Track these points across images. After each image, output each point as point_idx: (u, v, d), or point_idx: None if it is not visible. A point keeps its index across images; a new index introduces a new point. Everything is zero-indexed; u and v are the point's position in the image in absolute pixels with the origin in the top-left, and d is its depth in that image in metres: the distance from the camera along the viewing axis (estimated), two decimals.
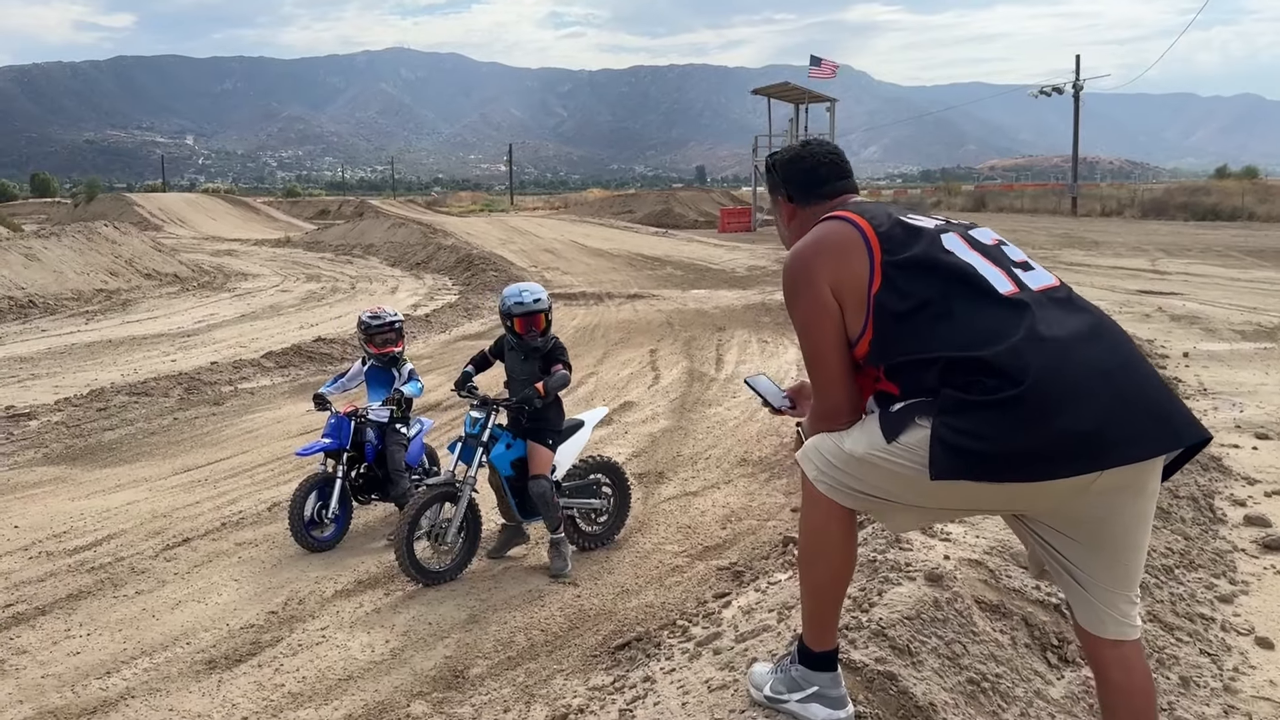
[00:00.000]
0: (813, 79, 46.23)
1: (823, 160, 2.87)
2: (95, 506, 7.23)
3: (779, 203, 2.94)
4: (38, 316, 18.46)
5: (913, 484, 2.46)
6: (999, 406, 2.26)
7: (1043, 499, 2.41)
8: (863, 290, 2.50)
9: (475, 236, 30.60)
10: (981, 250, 2.56)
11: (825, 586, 2.74)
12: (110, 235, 25.43)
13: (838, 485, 2.61)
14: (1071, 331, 2.36)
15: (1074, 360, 2.30)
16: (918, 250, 2.51)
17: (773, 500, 7.09)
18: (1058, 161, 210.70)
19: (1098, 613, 2.54)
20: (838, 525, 2.66)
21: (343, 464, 6.49)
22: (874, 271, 2.49)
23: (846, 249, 2.55)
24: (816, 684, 2.84)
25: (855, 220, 2.60)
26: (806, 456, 2.72)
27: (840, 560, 2.71)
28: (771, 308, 17.49)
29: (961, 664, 3.29)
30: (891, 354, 2.49)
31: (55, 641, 5.01)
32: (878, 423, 2.52)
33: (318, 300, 21.08)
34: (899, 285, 2.47)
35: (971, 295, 2.44)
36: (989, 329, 2.36)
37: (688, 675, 3.56)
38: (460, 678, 4.51)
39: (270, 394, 11.54)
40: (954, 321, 2.40)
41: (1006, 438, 2.26)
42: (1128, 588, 2.53)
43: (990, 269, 2.50)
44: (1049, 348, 2.30)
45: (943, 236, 2.57)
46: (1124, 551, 2.49)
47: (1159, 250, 27.34)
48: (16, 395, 11.19)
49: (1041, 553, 2.64)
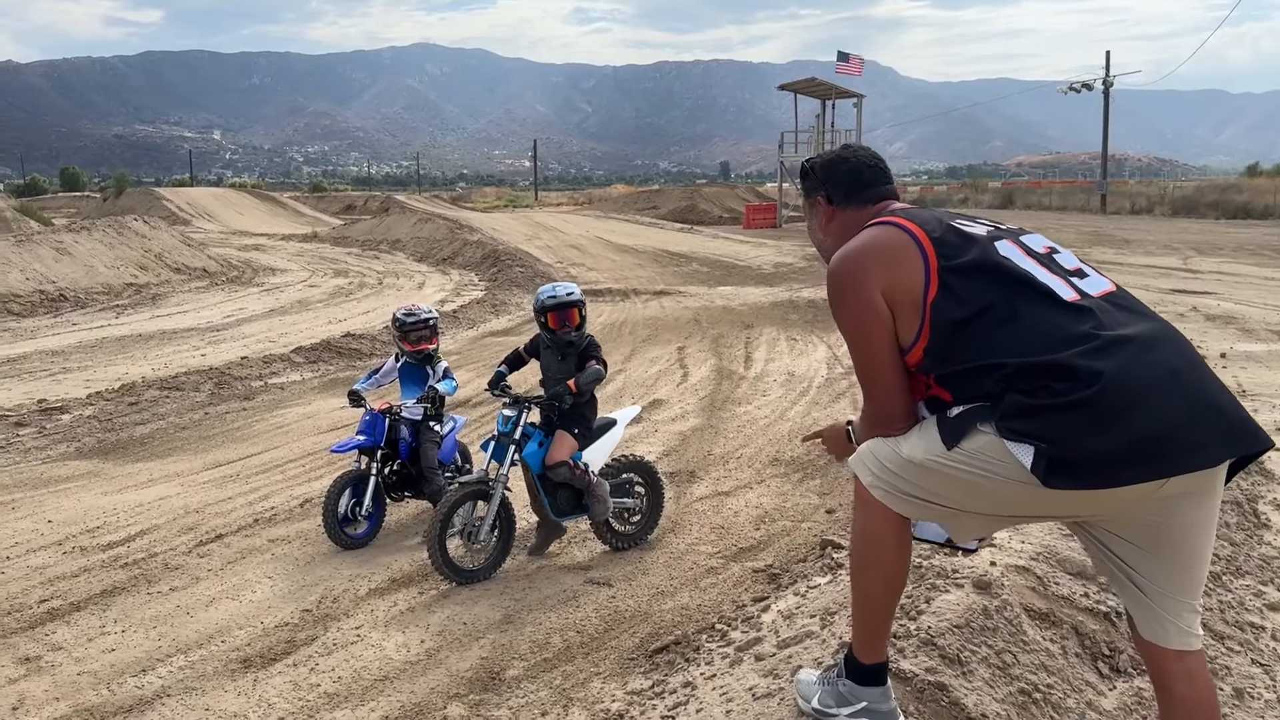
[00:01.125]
0: (840, 74, 45.96)
1: (867, 163, 2.84)
2: (128, 501, 7.26)
3: (817, 205, 2.89)
4: (68, 310, 18.61)
5: (974, 489, 2.41)
6: (1069, 409, 2.21)
7: (1108, 504, 2.35)
8: (917, 297, 2.45)
9: (501, 232, 30.60)
10: (1036, 257, 2.51)
11: (878, 595, 2.68)
12: (140, 230, 25.61)
13: (894, 491, 2.56)
14: (1137, 336, 2.31)
15: (1142, 365, 2.25)
16: (974, 256, 2.47)
17: (806, 501, 7.01)
18: (1085, 158, 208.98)
19: (1161, 622, 2.48)
20: (892, 532, 2.60)
21: (376, 461, 6.48)
22: (930, 278, 2.44)
23: (898, 254, 2.50)
24: (865, 699, 2.78)
25: (907, 226, 2.55)
26: (861, 461, 2.67)
27: (894, 568, 2.65)
28: (799, 305, 17.39)
29: (1012, 674, 3.22)
30: (950, 361, 2.43)
31: (90, 638, 5.01)
32: (936, 428, 2.46)
33: (346, 295, 21.15)
34: (957, 291, 2.42)
35: (1033, 299, 2.39)
36: (1055, 333, 2.31)
37: (730, 682, 3.51)
38: (496, 679, 4.47)
39: (300, 389, 11.56)
40: (1018, 326, 2.35)
41: (1075, 442, 2.20)
42: (1191, 595, 2.47)
43: (1049, 275, 2.45)
44: (1117, 352, 2.25)
45: (996, 244, 2.52)
46: (1188, 556, 2.43)
47: (1190, 249, 26.99)
48: (48, 389, 11.28)
49: (1101, 559, 2.58)
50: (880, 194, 2.80)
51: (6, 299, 18.20)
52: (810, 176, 2.91)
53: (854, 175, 2.82)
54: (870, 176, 2.82)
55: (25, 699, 4.37)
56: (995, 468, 2.33)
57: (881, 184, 2.82)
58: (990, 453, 2.33)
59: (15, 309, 17.96)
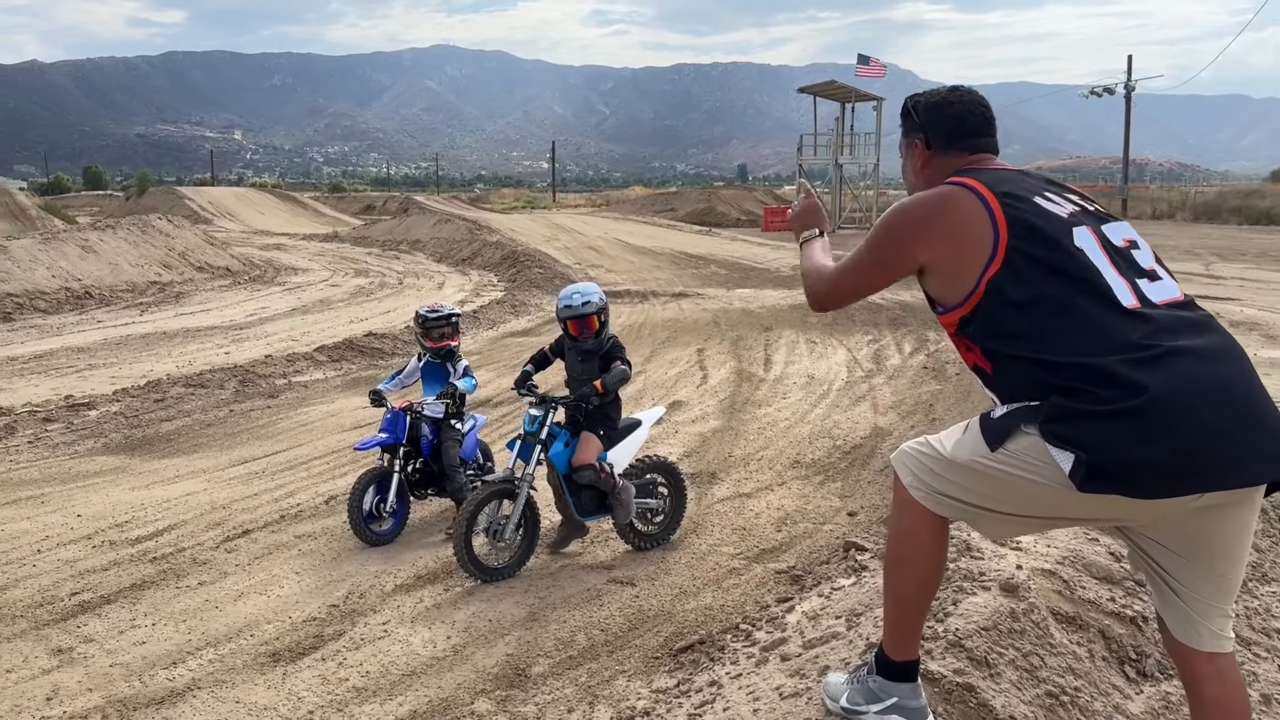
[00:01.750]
0: (861, 78, 45.87)
1: (972, 111, 2.74)
2: (155, 497, 7.34)
3: (914, 147, 2.80)
4: (93, 307, 18.79)
5: (1014, 490, 2.40)
6: (1112, 418, 2.20)
7: (1145, 512, 2.34)
8: (975, 269, 2.40)
9: (520, 233, 30.68)
10: (1111, 252, 2.44)
11: (911, 594, 2.68)
12: (164, 228, 25.83)
13: (934, 492, 2.55)
14: (1193, 348, 2.27)
15: (1193, 379, 2.22)
16: (1047, 241, 2.40)
17: (828, 504, 7.03)
18: (1106, 163, 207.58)
19: (1194, 625, 2.47)
20: (928, 532, 2.60)
21: (399, 459, 6.53)
22: (996, 253, 2.39)
23: (962, 224, 2.44)
24: (896, 695, 2.79)
25: (983, 194, 2.46)
26: (902, 462, 2.66)
27: (929, 568, 2.65)
28: None
29: (1039, 676, 3.23)
30: (997, 338, 2.40)
31: (121, 630, 5.08)
32: (980, 430, 2.45)
33: (366, 295, 21.27)
34: (1021, 274, 2.37)
35: (1094, 300, 2.33)
36: (1108, 337, 2.28)
37: (756, 681, 3.53)
38: (522, 676, 4.51)
39: (323, 388, 11.66)
40: (1072, 323, 2.31)
41: (1116, 450, 2.19)
42: (1225, 600, 2.46)
43: (1115, 277, 2.38)
44: (1169, 364, 2.22)
45: (1075, 230, 2.44)
46: (1224, 563, 2.42)
47: (1213, 254, 26.81)
48: (75, 385, 11.40)
49: (1137, 560, 2.58)
50: (979, 145, 2.72)
51: (33, 296, 18.40)
52: (910, 117, 2.81)
53: (957, 121, 2.73)
54: (974, 125, 2.73)
55: (59, 689, 4.44)
56: (1036, 470, 2.32)
57: (983, 135, 2.74)
58: (1033, 454, 2.31)
59: (42, 306, 18.15)
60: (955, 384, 10.76)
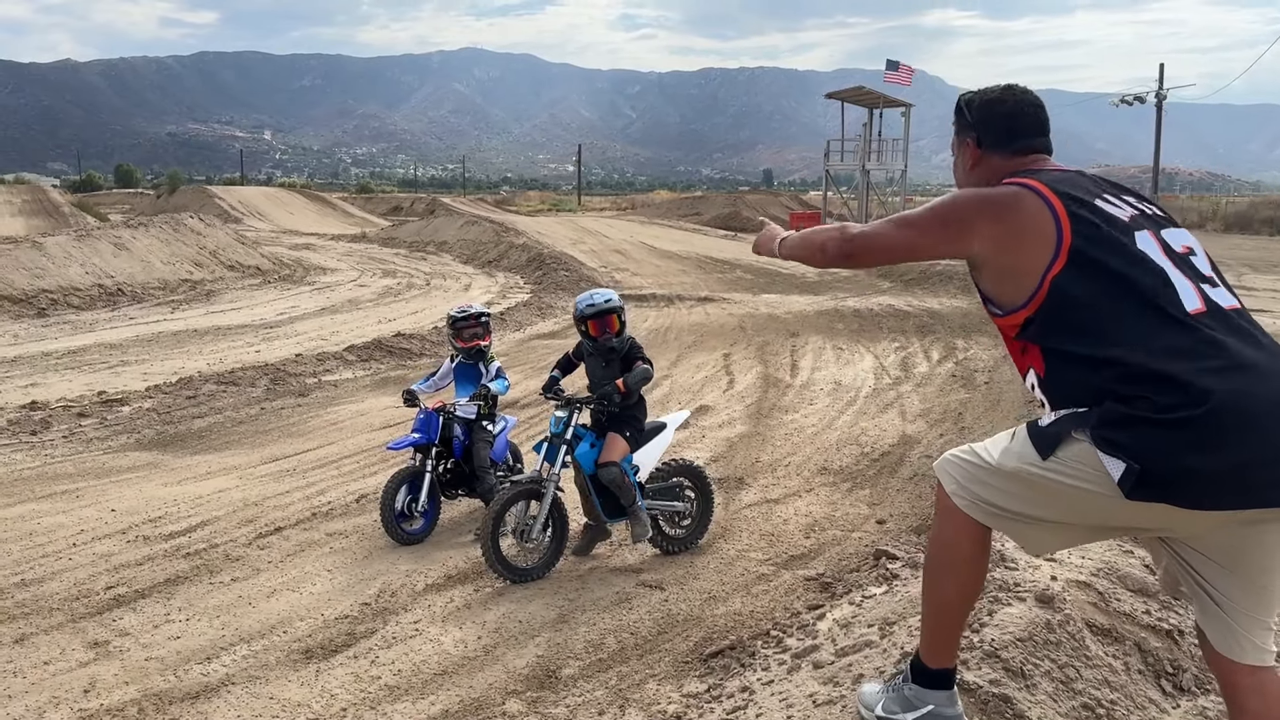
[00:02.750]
0: (889, 83, 45.68)
1: (1026, 111, 2.71)
2: (188, 493, 7.42)
3: (966, 145, 2.77)
4: (126, 304, 19.01)
5: (1059, 497, 2.37)
6: (1168, 427, 2.17)
7: (1190, 524, 2.32)
8: (1038, 268, 2.37)
9: (546, 236, 30.78)
10: (1173, 257, 2.41)
11: (951, 603, 2.67)
12: (196, 227, 26.09)
13: (978, 501, 2.53)
14: (1254, 362, 2.24)
15: (1252, 393, 2.18)
16: (1110, 243, 2.38)
17: (856, 511, 7.01)
18: (1135, 172, 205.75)
19: (1236, 637, 2.45)
20: (971, 541, 2.59)
21: (431, 459, 6.58)
22: (1059, 253, 2.36)
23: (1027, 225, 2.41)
24: (932, 703, 2.78)
25: (1047, 195, 2.44)
26: (945, 470, 2.64)
27: (970, 577, 2.64)
28: (845, 314, 17.34)
29: (1075, 689, 3.22)
30: (1058, 337, 2.37)
31: (156, 625, 5.14)
32: (1029, 437, 2.42)
33: (394, 296, 21.40)
34: (1085, 273, 2.34)
35: (1159, 304, 2.30)
36: (1173, 343, 2.24)
37: (789, 688, 3.54)
38: (553, 678, 4.53)
39: (353, 387, 11.74)
40: (1136, 325, 2.28)
41: (1171, 458, 2.17)
42: (1268, 613, 2.44)
43: (1181, 280, 2.35)
44: (1232, 375, 2.19)
45: (1137, 234, 2.42)
46: (1267, 577, 2.40)
47: (1244, 265, 26.50)
48: (108, 381, 11.54)
49: (1179, 571, 2.55)
50: (1033, 145, 2.69)
51: (67, 292, 18.63)
52: (963, 115, 2.79)
53: (1010, 120, 2.69)
54: (1027, 125, 2.70)
55: (96, 682, 4.49)
56: (1085, 476, 2.29)
57: (1037, 135, 2.70)
58: (1083, 461, 2.29)
59: (75, 302, 18.38)
60: (984, 392, 10.70)
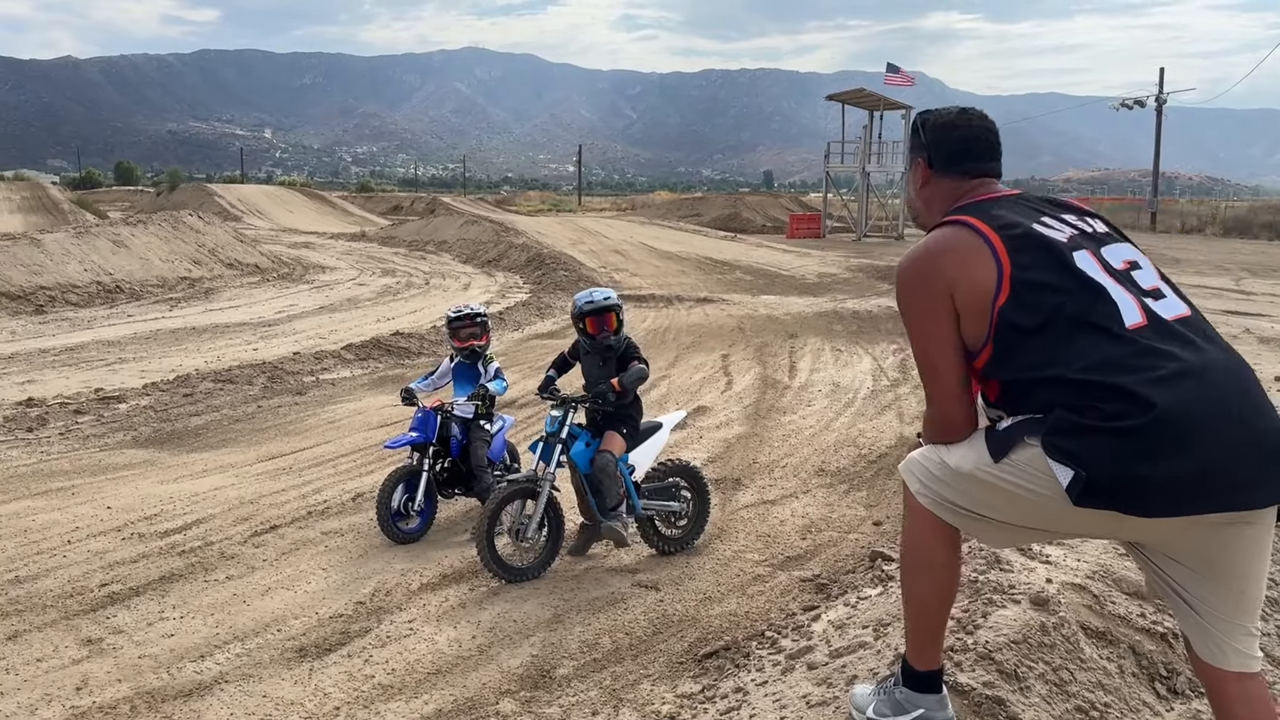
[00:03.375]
0: (889, 86, 45.72)
1: (978, 135, 2.74)
2: (184, 490, 7.41)
3: (917, 165, 2.81)
4: (124, 302, 18.99)
5: (1016, 501, 2.42)
6: (1116, 435, 2.20)
7: (1148, 530, 2.35)
8: (986, 301, 2.43)
9: (545, 236, 30.76)
10: (1113, 274, 2.46)
11: (929, 602, 2.69)
12: (195, 225, 26.06)
13: (939, 500, 2.58)
14: (1201, 367, 2.27)
15: (1200, 398, 2.21)
16: (1050, 266, 2.43)
17: (853, 513, 7.01)
18: (1135, 175, 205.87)
19: (1218, 643, 2.45)
20: (940, 539, 2.63)
21: (429, 458, 6.57)
22: (1002, 283, 2.42)
23: (969, 258, 2.47)
24: (922, 706, 2.79)
25: (980, 228, 2.50)
26: (909, 470, 2.69)
27: (944, 575, 2.67)
28: (844, 316, 17.33)
29: (1069, 691, 3.21)
30: (1012, 369, 2.43)
31: (150, 623, 5.13)
32: (984, 440, 2.48)
33: (393, 295, 21.39)
34: (1027, 300, 2.39)
35: (1100, 320, 2.36)
36: (1116, 355, 2.29)
37: (783, 689, 3.53)
38: (547, 677, 4.52)
39: (351, 385, 11.73)
40: (1081, 343, 2.33)
41: (1119, 466, 2.20)
42: (1247, 618, 2.44)
43: (1122, 294, 2.41)
44: (1177, 383, 2.22)
45: (1075, 254, 2.47)
46: (1241, 581, 2.40)
47: (1243, 270, 26.55)
48: (105, 378, 11.53)
49: (1154, 578, 2.57)
50: (982, 170, 2.71)
51: (65, 289, 18.61)
52: (918, 134, 2.82)
53: (962, 144, 2.72)
54: (978, 149, 2.72)
55: (89, 679, 4.48)
56: (1037, 481, 2.34)
57: (986, 160, 2.72)
58: (1034, 466, 2.34)
59: (73, 299, 18.36)
60: None
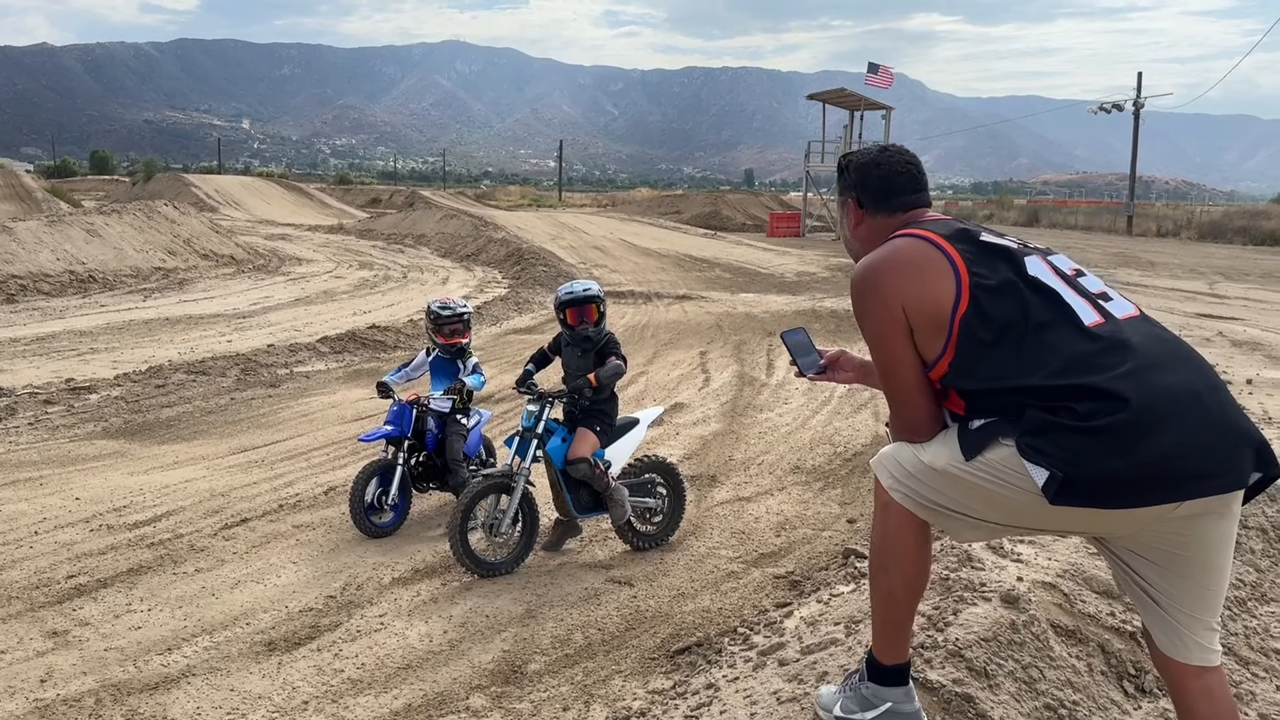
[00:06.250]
0: (870, 86, 45.87)
1: (899, 170, 2.79)
2: (154, 482, 7.33)
3: (848, 205, 2.86)
4: (97, 291, 18.78)
5: (990, 499, 2.45)
6: (1089, 433, 2.24)
7: (1122, 524, 2.38)
8: (944, 312, 2.45)
9: (525, 231, 30.69)
10: (1063, 278, 2.52)
11: (898, 596, 2.70)
12: (170, 215, 25.83)
13: (912, 495, 2.59)
14: (1159, 361, 2.34)
15: (1163, 390, 2.27)
16: (1006, 273, 2.48)
17: (828, 510, 7.02)
18: (1112, 179, 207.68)
19: (1180, 637, 2.50)
20: (911, 534, 2.64)
21: (404, 451, 6.53)
22: (961, 293, 2.44)
23: (925, 269, 2.50)
24: (889, 700, 2.79)
25: (936, 240, 2.54)
26: (882, 464, 2.70)
27: (913, 570, 2.68)
28: (822, 314, 17.37)
29: (1038, 689, 3.22)
30: (976, 378, 2.44)
31: (117, 615, 5.07)
32: (957, 438, 2.50)
33: (370, 288, 21.27)
34: (987, 308, 2.42)
35: (1060, 322, 2.41)
36: (1080, 357, 2.33)
37: (754, 685, 3.52)
38: (518, 673, 4.50)
39: (325, 379, 11.65)
40: (1043, 347, 2.37)
41: (1094, 463, 2.24)
42: (1210, 613, 2.49)
43: (1075, 297, 2.47)
44: (1139, 377, 2.28)
45: (1026, 259, 2.53)
46: (1206, 575, 2.45)
47: (1217, 273, 26.81)
48: (76, 368, 11.39)
49: (1119, 574, 2.61)
50: (911, 202, 2.77)
51: (37, 278, 18.39)
52: (845, 175, 2.87)
53: (885, 182, 2.77)
54: (902, 184, 2.77)
55: (53, 672, 4.42)
56: (1012, 480, 2.37)
57: (912, 192, 2.78)
58: (1009, 466, 2.36)
59: (45, 288, 18.15)
60: None
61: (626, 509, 5.99)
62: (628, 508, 6.00)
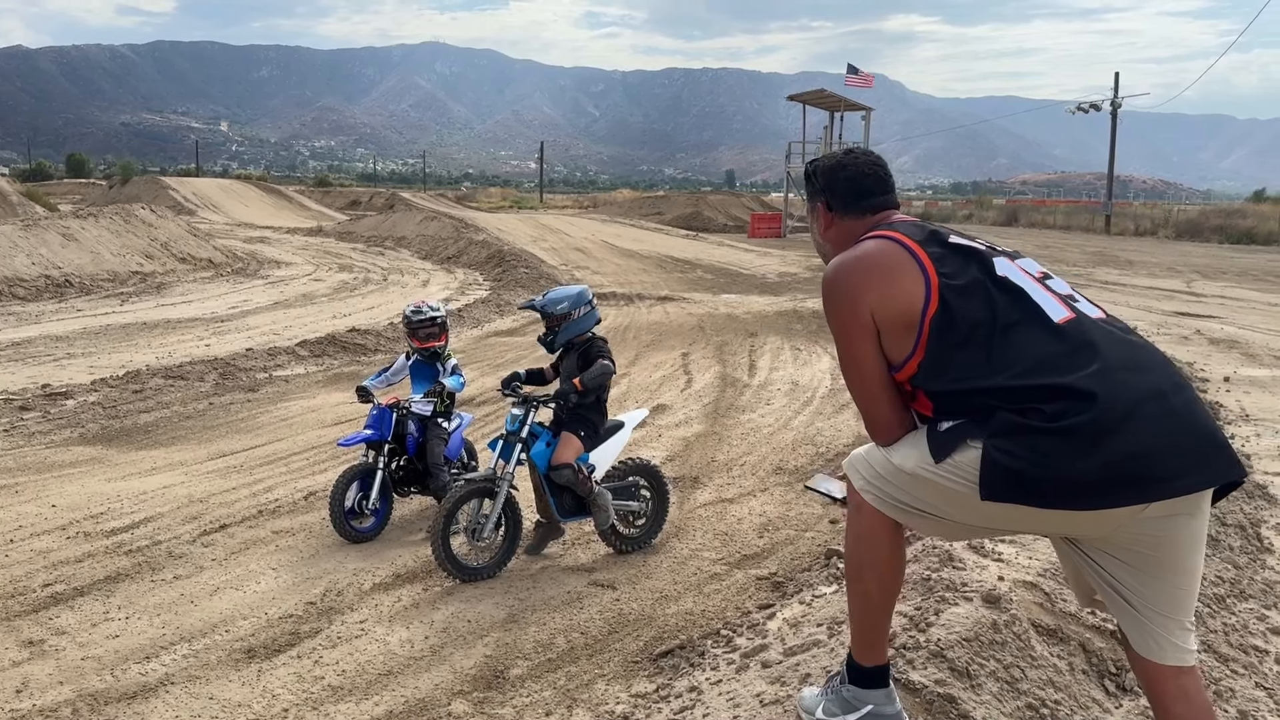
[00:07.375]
0: (850, 87, 46.02)
1: (866, 172, 2.82)
2: (132, 489, 7.26)
3: (817, 210, 2.90)
4: (74, 296, 18.61)
5: (961, 502, 2.46)
6: (1057, 434, 2.25)
7: (1093, 525, 2.39)
8: (914, 313, 2.47)
9: (506, 233, 30.62)
10: (1032, 278, 2.55)
11: (874, 598, 2.71)
12: (147, 218, 25.63)
13: (883, 496, 2.61)
14: (1126, 363, 2.36)
15: (1130, 391, 2.29)
16: (974, 274, 2.50)
17: (810, 511, 7.02)
18: (1090, 178, 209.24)
19: (1154, 638, 2.51)
20: (884, 535, 2.65)
21: (384, 455, 6.48)
22: (930, 294, 2.46)
23: (894, 271, 2.52)
24: (870, 702, 2.80)
25: (906, 242, 2.56)
26: (854, 466, 2.72)
27: (888, 571, 2.69)
28: (804, 315, 17.40)
29: (1020, 689, 3.23)
30: (944, 379, 2.46)
31: (94, 623, 5.01)
32: (926, 440, 2.50)
33: (350, 291, 21.17)
34: (956, 309, 2.44)
35: (1028, 321, 2.42)
36: (1048, 356, 2.35)
37: (737, 687, 3.52)
38: (501, 678, 4.47)
39: (304, 382, 11.57)
40: (1012, 347, 2.39)
41: (1062, 465, 2.25)
42: (1183, 613, 2.50)
43: (1044, 296, 2.49)
44: (1111, 376, 2.30)
45: (994, 260, 2.55)
46: (1178, 574, 2.47)
47: (1194, 272, 27.02)
48: (52, 374, 11.28)
49: (1092, 576, 2.61)
50: (879, 204, 2.80)
51: (12, 283, 18.21)
52: (812, 180, 2.90)
53: (852, 184, 2.80)
54: (870, 186, 2.80)
55: (29, 682, 4.37)
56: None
57: (880, 194, 2.81)
58: (976, 467, 2.37)
59: (20, 293, 17.97)
60: None
61: (610, 514, 5.97)
62: (611, 512, 5.99)
